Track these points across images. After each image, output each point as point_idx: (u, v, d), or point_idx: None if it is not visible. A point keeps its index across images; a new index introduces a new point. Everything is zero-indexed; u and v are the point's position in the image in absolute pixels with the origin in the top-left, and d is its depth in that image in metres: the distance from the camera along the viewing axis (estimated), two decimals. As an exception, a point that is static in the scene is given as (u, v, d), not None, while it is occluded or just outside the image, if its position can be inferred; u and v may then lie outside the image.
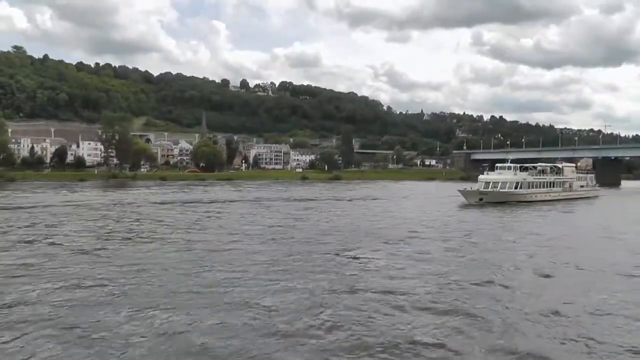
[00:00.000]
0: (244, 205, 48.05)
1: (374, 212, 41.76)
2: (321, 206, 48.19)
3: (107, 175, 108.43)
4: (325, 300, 14.14)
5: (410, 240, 25.34)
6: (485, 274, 18.02)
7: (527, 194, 56.10)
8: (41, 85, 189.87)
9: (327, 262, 19.56)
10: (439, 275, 17.42)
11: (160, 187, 79.72)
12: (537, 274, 18.43)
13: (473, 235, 28.52)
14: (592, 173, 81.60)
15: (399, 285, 15.96)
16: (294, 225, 31.76)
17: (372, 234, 27.91)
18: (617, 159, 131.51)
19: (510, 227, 34.06)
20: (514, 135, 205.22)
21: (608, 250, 24.33)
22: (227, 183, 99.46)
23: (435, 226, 32.43)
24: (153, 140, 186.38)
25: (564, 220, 40.25)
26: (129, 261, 19.13)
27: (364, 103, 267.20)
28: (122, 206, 44.45)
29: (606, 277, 18.29)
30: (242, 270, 17.59)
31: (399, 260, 20.10)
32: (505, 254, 22.59)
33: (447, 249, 23.17)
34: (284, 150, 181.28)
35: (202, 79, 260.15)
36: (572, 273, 18.93)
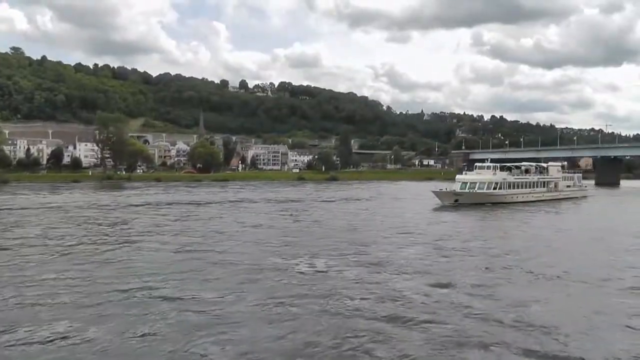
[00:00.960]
0: (221, 207, 47.08)
1: (347, 214, 40.62)
2: (300, 207, 47.15)
3: (102, 177, 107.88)
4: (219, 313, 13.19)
5: (357, 246, 24.05)
6: (420, 284, 16.64)
7: (507, 195, 53.65)
8: (39, 87, 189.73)
9: (251, 269, 18.42)
10: (376, 284, 16.38)
11: (150, 189, 78.89)
12: (476, 284, 16.61)
13: (428, 239, 26.94)
14: (580, 172, 78.87)
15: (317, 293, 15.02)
16: (256, 228, 30.82)
17: (327, 237, 26.71)
18: (616, 159, 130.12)
19: (474, 231, 31.86)
20: (514, 135, 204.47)
21: (560, 257, 22.45)
22: (219, 184, 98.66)
23: (398, 229, 30.78)
24: (151, 141, 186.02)
25: (539, 223, 37.92)
26: (44, 268, 18.30)
27: (363, 103, 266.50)
28: (94, 209, 43.46)
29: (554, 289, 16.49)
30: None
31: (336, 267, 19.13)
32: (449, 264, 20.39)
33: (391, 255, 21.82)
34: (282, 151, 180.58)
35: (201, 80, 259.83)
36: (520, 284, 17.15)
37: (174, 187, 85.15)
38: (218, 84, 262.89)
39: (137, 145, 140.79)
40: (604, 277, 18.04)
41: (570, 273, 18.75)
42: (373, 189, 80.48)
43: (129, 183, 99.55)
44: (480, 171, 56.55)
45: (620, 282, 17.47)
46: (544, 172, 64.77)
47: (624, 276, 18.29)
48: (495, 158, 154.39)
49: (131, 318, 12.53)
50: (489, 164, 57.42)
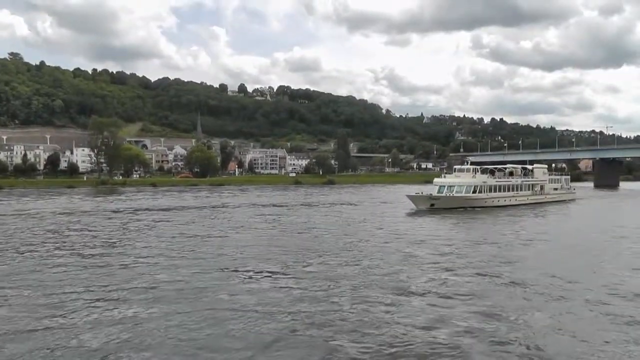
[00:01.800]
0: (199, 212, 46.15)
1: (320, 221, 39.18)
2: (278, 213, 46.18)
3: (96, 182, 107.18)
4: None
5: (307, 256, 22.96)
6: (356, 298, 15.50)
7: (487, 199, 51.27)
8: (37, 92, 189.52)
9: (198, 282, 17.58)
10: (308, 301, 15.18)
11: (139, 194, 78.35)
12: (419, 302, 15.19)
13: (382, 248, 25.32)
14: (567, 175, 76.23)
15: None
16: (224, 235, 29.87)
17: (282, 246, 25.54)
18: (615, 160, 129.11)
19: (437, 238, 29.36)
20: (514, 138, 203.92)
21: (520, 268, 20.64)
22: (210, 189, 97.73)
23: (359, 238, 29.16)
24: (149, 146, 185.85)
25: (514, 228, 35.45)
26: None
27: (362, 106, 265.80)
28: (67, 215, 42.52)
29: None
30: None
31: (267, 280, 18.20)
32: (394, 278, 18.70)
33: (339, 267, 20.48)
34: (280, 155, 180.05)
35: (199, 84, 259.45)
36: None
37: (164, 192, 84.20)
38: (217, 88, 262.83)
39: (133, 150, 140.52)
40: (564, 291, 16.56)
41: (526, 285, 17.40)
42: (365, 193, 79.71)
43: (123, 188, 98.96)
44: (459, 174, 54.45)
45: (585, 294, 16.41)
46: (530, 174, 62.42)
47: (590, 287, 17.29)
48: (493, 161, 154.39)
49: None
50: (468, 166, 55.92)
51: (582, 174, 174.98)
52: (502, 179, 56.95)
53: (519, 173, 62.02)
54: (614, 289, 16.79)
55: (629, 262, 22.17)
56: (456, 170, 55.94)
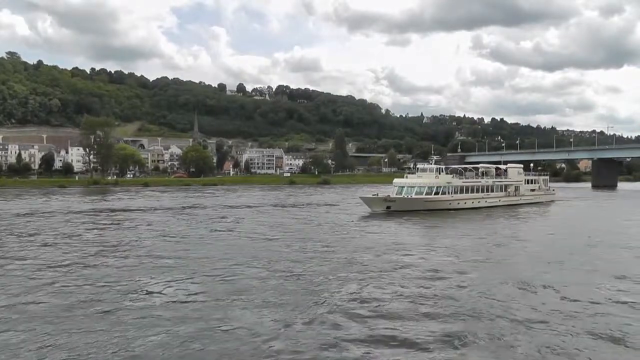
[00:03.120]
0: (166, 213, 44.70)
1: (278, 223, 36.99)
2: (245, 214, 44.47)
3: (88, 182, 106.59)
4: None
5: (238, 261, 21.29)
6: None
7: (452, 201, 47.61)
8: (34, 91, 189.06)
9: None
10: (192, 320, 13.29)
11: (124, 194, 77.54)
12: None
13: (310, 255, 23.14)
14: (547, 175, 71.75)
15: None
16: (169, 239, 28.22)
17: (219, 250, 24.05)
18: (613, 160, 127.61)
19: (371, 244, 26.48)
20: (514, 138, 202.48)
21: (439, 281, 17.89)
22: (197, 189, 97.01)
23: (298, 243, 26.85)
24: (147, 146, 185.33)
25: (465, 234, 32.04)
26: None
27: (361, 106, 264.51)
28: (23, 217, 41.19)
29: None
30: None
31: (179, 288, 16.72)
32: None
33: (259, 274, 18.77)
34: (277, 155, 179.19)
35: (198, 84, 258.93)
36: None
37: (149, 192, 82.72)
38: (215, 88, 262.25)
39: (128, 150, 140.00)
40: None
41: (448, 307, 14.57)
42: (352, 193, 77.78)
43: (115, 188, 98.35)
44: (421, 174, 50.30)
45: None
46: (503, 175, 58.70)
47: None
48: (491, 161, 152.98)
49: None
50: (431, 165, 51.67)
51: (582, 174, 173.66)
52: (471, 179, 53.27)
53: (493, 173, 58.43)
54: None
55: (585, 277, 18.84)
56: (419, 170, 51.99)
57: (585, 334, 12.39)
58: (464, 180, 51.08)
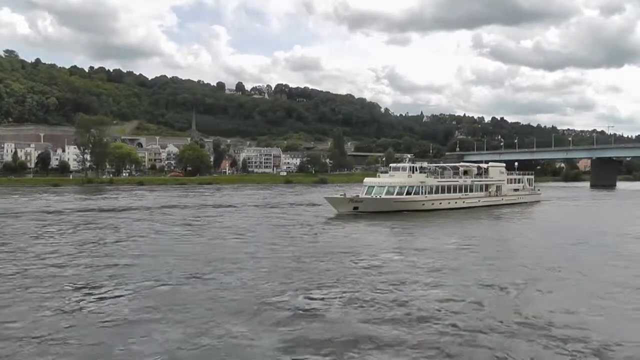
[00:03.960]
0: (142, 213, 43.97)
1: (246, 224, 35.92)
2: (217, 214, 43.63)
3: (82, 181, 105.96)
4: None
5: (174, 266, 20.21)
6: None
7: (426, 201, 45.54)
8: (31, 90, 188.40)
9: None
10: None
11: (114, 193, 77.09)
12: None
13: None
14: (532, 175, 68.32)
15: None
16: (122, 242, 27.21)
17: (158, 257, 22.56)
18: (612, 160, 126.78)
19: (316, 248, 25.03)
20: (514, 137, 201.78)
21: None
22: (187, 188, 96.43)
23: (254, 248, 25.27)
24: (145, 144, 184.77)
25: (433, 237, 30.18)
26: None
27: (360, 105, 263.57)
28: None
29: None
30: None
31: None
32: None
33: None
34: (275, 154, 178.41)
35: (197, 82, 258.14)
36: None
37: (137, 191, 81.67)
38: (214, 87, 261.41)
39: (124, 149, 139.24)
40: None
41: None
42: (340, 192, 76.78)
43: (108, 187, 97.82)
44: (394, 173, 47.78)
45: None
46: (484, 174, 56.57)
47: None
48: (489, 160, 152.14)
49: None
50: (404, 164, 48.67)
51: (581, 174, 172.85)
52: (448, 178, 51.25)
53: (474, 172, 56.53)
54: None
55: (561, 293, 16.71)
56: (392, 169, 49.32)
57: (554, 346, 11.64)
58: (439, 180, 49.07)
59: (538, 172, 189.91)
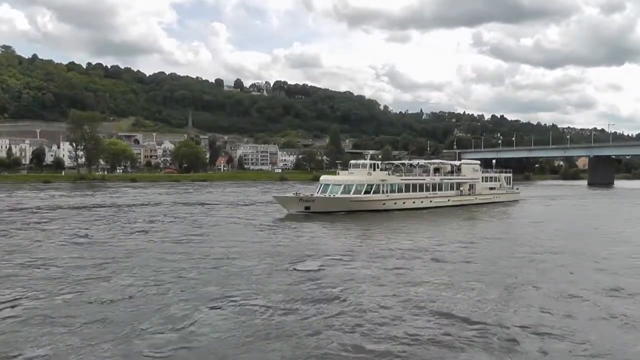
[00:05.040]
0: (108, 211, 42.39)
1: (200, 223, 34.28)
2: (174, 213, 41.45)
3: (75, 177, 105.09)
4: None
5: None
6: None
7: (386, 201, 42.63)
8: (27, 85, 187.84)
9: None
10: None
11: (100, 189, 75.83)
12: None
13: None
14: (509, 173, 64.30)
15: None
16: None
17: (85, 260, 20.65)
18: (610, 158, 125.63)
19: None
20: (514, 135, 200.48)
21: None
22: (171, 185, 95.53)
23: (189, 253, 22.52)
24: (141, 141, 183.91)
25: (379, 242, 26.65)
26: None
27: (359, 102, 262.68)
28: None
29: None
30: None
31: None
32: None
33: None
34: (272, 151, 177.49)
35: (194, 79, 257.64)
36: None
37: (122, 188, 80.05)
38: (212, 83, 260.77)
39: (119, 145, 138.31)
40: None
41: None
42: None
43: (100, 184, 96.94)
44: (353, 170, 44.61)
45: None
46: (457, 172, 53.46)
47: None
48: (487, 157, 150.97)
49: None
50: (364, 161, 44.85)
51: (580, 172, 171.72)
52: (414, 176, 47.84)
53: (448, 170, 53.50)
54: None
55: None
56: (351, 166, 45.82)
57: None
58: (402, 178, 46.01)
59: (537, 171, 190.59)
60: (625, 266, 20.67)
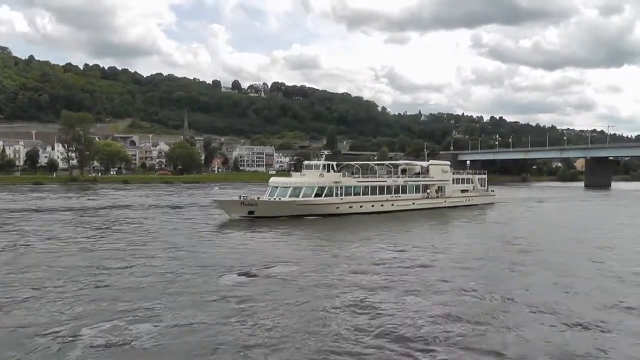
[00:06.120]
0: (74, 214, 41.13)
1: (161, 227, 32.81)
2: (144, 216, 40.37)
3: (66, 179, 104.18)
4: None
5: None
6: None
7: (340, 204, 39.88)
8: (23, 86, 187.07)
9: None
10: None
11: (86, 192, 74.96)
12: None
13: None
14: (484, 174, 60.82)
15: None
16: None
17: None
18: (607, 159, 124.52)
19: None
20: (513, 136, 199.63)
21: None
22: (155, 187, 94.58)
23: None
24: (138, 142, 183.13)
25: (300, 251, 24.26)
26: None
27: (357, 104, 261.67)
28: None
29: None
30: None
31: None
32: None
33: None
34: (267, 152, 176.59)
35: (192, 80, 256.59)
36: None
37: (105, 191, 78.79)
38: (209, 85, 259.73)
39: (114, 147, 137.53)
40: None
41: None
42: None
43: (91, 185, 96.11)
44: (306, 171, 41.98)
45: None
46: (424, 173, 50.59)
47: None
48: (484, 159, 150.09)
49: None
50: (317, 162, 42.37)
51: (577, 174, 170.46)
52: (374, 178, 44.87)
53: (417, 171, 50.89)
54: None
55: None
56: (304, 167, 43.19)
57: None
58: (359, 180, 43.01)
59: (534, 172, 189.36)
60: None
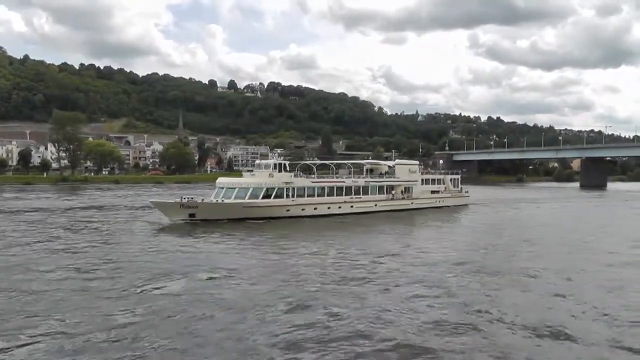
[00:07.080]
0: (47, 215, 40.26)
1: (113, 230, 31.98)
2: (107, 217, 39.33)
3: (56, 179, 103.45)
4: None
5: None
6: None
7: (292, 206, 37.98)
8: (17, 86, 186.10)
9: None
10: None
11: (68, 192, 74.30)
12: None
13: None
14: (457, 174, 57.16)
15: None
16: None
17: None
18: (603, 159, 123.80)
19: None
20: (510, 137, 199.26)
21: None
22: (139, 187, 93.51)
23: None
24: (132, 142, 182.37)
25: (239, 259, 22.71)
26: None
27: (353, 104, 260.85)
28: None
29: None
30: None
31: None
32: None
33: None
34: (262, 152, 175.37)
35: (187, 80, 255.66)
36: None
37: (89, 191, 78.30)
38: (205, 84, 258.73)
39: (106, 146, 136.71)
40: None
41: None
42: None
43: (81, 185, 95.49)
44: (256, 171, 40.25)
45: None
46: (389, 173, 48.53)
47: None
48: (479, 159, 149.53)
49: None
50: (268, 161, 41.23)
51: (573, 174, 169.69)
52: (331, 179, 42.75)
53: (384, 171, 48.93)
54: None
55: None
56: (256, 167, 41.51)
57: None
58: (313, 180, 40.82)
59: (530, 172, 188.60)
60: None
